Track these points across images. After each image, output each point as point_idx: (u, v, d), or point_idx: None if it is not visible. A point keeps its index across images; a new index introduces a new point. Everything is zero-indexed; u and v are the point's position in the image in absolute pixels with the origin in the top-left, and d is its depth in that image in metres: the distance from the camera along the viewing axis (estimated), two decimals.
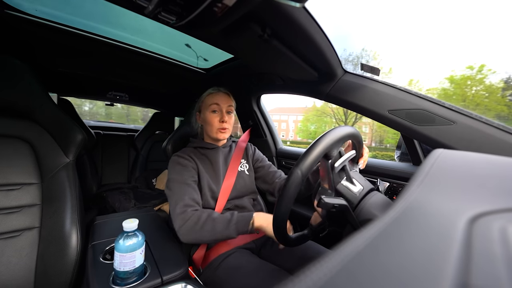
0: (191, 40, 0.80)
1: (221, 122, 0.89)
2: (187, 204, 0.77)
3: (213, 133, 0.91)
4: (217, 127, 0.90)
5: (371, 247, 0.17)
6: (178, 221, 0.74)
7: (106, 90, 1.82)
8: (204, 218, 0.73)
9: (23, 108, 0.75)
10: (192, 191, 0.81)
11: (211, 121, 0.89)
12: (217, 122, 0.89)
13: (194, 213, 0.75)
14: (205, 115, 0.91)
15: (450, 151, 0.33)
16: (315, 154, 0.50)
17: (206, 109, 0.91)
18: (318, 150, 0.51)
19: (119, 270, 0.59)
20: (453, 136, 0.61)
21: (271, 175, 1.01)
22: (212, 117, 0.89)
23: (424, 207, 0.22)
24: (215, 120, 0.89)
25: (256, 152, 1.09)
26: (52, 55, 1.18)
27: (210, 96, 0.91)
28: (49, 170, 0.77)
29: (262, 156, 1.09)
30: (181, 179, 0.83)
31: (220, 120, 0.89)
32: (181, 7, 0.47)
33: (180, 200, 0.77)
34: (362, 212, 0.54)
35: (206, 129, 0.94)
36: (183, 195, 0.79)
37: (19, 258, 0.69)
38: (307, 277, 0.15)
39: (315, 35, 0.60)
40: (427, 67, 51.95)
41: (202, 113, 0.93)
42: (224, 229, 0.72)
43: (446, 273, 0.14)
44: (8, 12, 0.86)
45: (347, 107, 0.84)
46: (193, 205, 0.78)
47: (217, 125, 0.89)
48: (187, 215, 0.74)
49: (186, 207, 0.76)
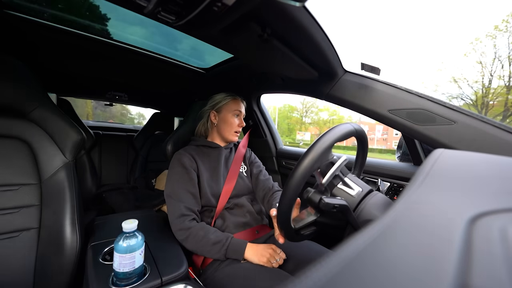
0: (191, 40, 0.80)
1: (238, 126, 0.99)
2: (184, 213, 0.81)
3: (230, 134, 0.99)
4: (234, 130, 0.99)
5: (371, 247, 0.17)
6: (177, 230, 0.80)
7: (105, 90, 1.81)
8: (201, 235, 0.78)
9: (22, 108, 0.75)
10: (189, 197, 0.84)
11: (233, 123, 0.98)
12: (237, 125, 0.99)
13: (193, 226, 0.79)
14: (227, 116, 0.98)
15: (451, 151, 0.33)
16: (323, 146, 0.50)
17: (230, 111, 0.98)
18: (324, 143, 0.50)
19: (119, 271, 0.59)
20: (454, 136, 0.61)
21: (260, 183, 1.04)
22: (235, 120, 0.99)
23: (425, 207, 0.21)
24: (236, 123, 0.99)
25: (252, 155, 1.15)
26: (50, 55, 1.18)
27: (236, 102, 1.00)
28: (48, 170, 0.76)
29: (257, 161, 1.14)
30: (180, 183, 0.85)
31: (239, 124, 1.00)
32: (181, 7, 0.47)
33: (177, 208, 0.81)
34: (362, 213, 0.54)
35: (222, 129, 0.99)
36: (179, 203, 0.82)
37: (17, 259, 0.68)
38: (307, 278, 0.15)
39: (315, 34, 0.60)
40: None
41: (223, 114, 0.99)
42: (214, 251, 0.76)
43: (446, 274, 0.14)
44: (7, 11, 0.85)
45: (348, 106, 0.83)
46: (190, 214, 0.82)
47: (235, 128, 0.99)
48: (185, 225, 0.79)
49: (183, 217, 0.80)
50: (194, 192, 0.86)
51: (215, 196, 0.90)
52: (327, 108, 19.88)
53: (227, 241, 0.76)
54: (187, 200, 0.83)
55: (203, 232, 0.77)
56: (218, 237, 0.77)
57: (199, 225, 0.80)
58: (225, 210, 0.91)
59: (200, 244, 0.76)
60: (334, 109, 30.68)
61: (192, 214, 0.82)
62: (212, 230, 0.80)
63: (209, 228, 0.80)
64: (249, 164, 1.09)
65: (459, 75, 18.38)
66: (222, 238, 0.77)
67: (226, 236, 0.78)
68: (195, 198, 0.85)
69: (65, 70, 1.38)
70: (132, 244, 0.60)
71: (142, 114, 24.44)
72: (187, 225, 0.78)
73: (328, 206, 0.53)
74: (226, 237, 0.78)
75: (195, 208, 0.84)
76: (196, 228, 0.78)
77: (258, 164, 1.12)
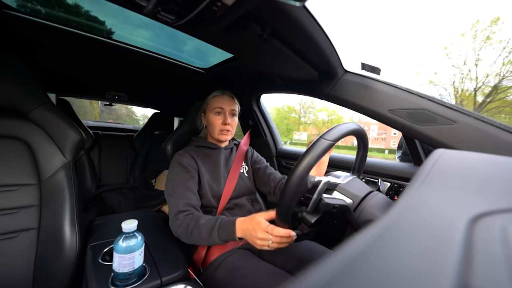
0: (191, 40, 0.80)
1: (223, 124, 0.93)
2: (181, 210, 0.79)
3: (215, 134, 0.95)
4: (219, 129, 0.94)
5: (372, 248, 0.17)
6: (173, 227, 0.78)
7: (105, 90, 1.81)
8: (192, 226, 0.74)
9: (21, 108, 0.75)
10: (189, 194, 0.83)
11: (214, 123, 0.94)
12: (220, 124, 0.93)
13: (184, 220, 0.76)
14: (209, 116, 0.95)
15: (451, 151, 0.33)
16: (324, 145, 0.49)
17: (211, 111, 0.95)
18: (322, 144, 0.49)
19: (118, 272, 0.59)
20: (455, 135, 0.61)
21: (267, 176, 1.02)
22: (216, 119, 0.93)
23: (425, 208, 0.21)
24: (218, 122, 0.93)
25: (254, 154, 1.12)
26: (50, 54, 1.17)
27: (215, 99, 0.95)
28: (47, 170, 0.76)
29: (260, 158, 1.12)
30: (180, 182, 0.84)
31: (222, 122, 0.93)
32: (180, 6, 0.47)
33: (175, 206, 0.80)
34: (363, 213, 0.54)
35: (210, 130, 0.97)
36: (178, 200, 0.81)
37: (17, 260, 0.68)
38: (307, 278, 0.15)
39: (315, 34, 0.60)
40: None
41: (207, 114, 0.97)
42: (208, 236, 0.71)
43: (447, 274, 0.14)
44: (6, 11, 0.85)
45: (348, 106, 0.83)
46: (187, 210, 0.79)
47: (219, 127, 0.93)
48: (179, 221, 0.76)
49: (179, 213, 0.78)
50: (194, 189, 0.85)
51: (216, 197, 0.90)
52: (326, 108, 20.01)
53: (216, 223, 0.72)
54: (187, 197, 0.82)
55: (194, 222, 0.74)
56: (208, 222, 0.73)
57: (190, 216, 0.77)
58: (226, 210, 0.91)
59: (193, 234, 0.73)
60: (333, 109, 30.76)
61: (191, 209, 0.79)
62: (204, 218, 0.75)
63: (200, 217, 0.76)
64: (251, 163, 1.08)
65: (435, 78, 19.91)
66: (213, 222, 0.72)
67: (216, 219, 0.74)
68: (194, 195, 0.84)
69: (64, 70, 1.38)
70: (131, 245, 0.60)
71: (146, 115, 24.63)
72: (181, 219, 0.76)
73: (328, 207, 0.53)
74: (215, 220, 0.73)
75: (194, 203, 0.82)
76: (186, 221, 0.75)
77: (262, 160, 1.10)
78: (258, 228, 0.62)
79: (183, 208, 0.79)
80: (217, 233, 0.70)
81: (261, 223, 0.62)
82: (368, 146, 0.68)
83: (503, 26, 17.93)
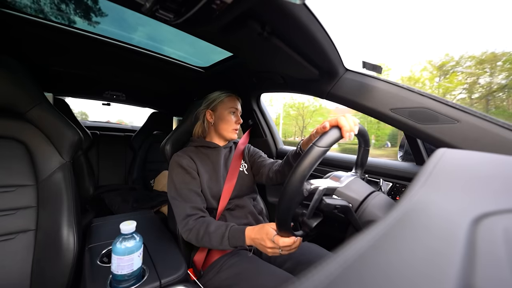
0: (190, 38, 0.79)
1: (236, 123, 0.97)
2: (189, 214, 0.79)
3: (229, 132, 0.96)
4: (233, 128, 0.96)
5: (374, 248, 0.17)
6: (183, 232, 0.78)
7: (102, 90, 1.80)
8: (202, 233, 0.75)
9: (18, 108, 0.74)
10: (195, 197, 0.83)
11: (230, 120, 0.95)
12: (234, 123, 0.96)
13: (194, 225, 0.77)
14: (224, 114, 0.95)
15: (454, 150, 0.33)
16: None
17: (226, 109, 0.95)
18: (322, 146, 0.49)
19: (117, 273, 0.58)
20: (457, 135, 0.60)
21: (261, 164, 1.01)
22: (231, 118, 0.96)
23: (428, 208, 0.21)
24: (233, 121, 0.96)
25: (251, 149, 1.12)
26: (46, 53, 1.16)
27: (230, 98, 0.97)
28: (44, 171, 0.75)
29: (257, 151, 1.11)
30: (183, 184, 0.84)
31: (236, 121, 0.97)
32: (179, 5, 0.46)
33: (183, 210, 0.80)
34: (364, 213, 0.53)
35: (220, 127, 0.96)
36: (185, 204, 0.81)
37: (14, 262, 0.67)
38: (308, 280, 0.15)
39: (316, 33, 0.59)
40: None
41: (219, 112, 0.96)
42: (219, 244, 0.73)
43: (450, 275, 0.14)
44: (2, 10, 0.84)
45: (349, 106, 0.83)
46: (195, 214, 0.80)
47: (233, 126, 0.96)
48: (188, 226, 0.77)
49: (188, 218, 0.79)
50: (198, 190, 0.85)
51: (215, 197, 0.89)
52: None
53: (226, 231, 0.74)
54: (193, 199, 0.82)
55: (204, 228, 0.75)
56: (218, 229, 0.74)
57: (200, 221, 0.78)
58: (226, 211, 0.90)
59: (204, 240, 0.75)
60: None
61: (199, 212, 0.81)
62: (214, 224, 0.77)
63: (209, 223, 0.77)
64: (249, 159, 1.06)
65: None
66: (223, 230, 0.74)
67: (226, 226, 0.75)
68: (200, 196, 0.85)
69: (61, 69, 1.37)
70: (130, 246, 0.59)
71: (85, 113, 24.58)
72: (191, 225, 0.77)
73: (329, 207, 0.52)
74: (225, 228, 0.75)
75: (201, 206, 0.83)
76: (196, 226, 0.76)
77: (259, 154, 1.09)
78: (267, 238, 0.65)
79: (191, 212, 0.80)
80: (228, 241, 0.72)
81: (268, 233, 0.66)
82: (369, 140, 0.67)
83: None
